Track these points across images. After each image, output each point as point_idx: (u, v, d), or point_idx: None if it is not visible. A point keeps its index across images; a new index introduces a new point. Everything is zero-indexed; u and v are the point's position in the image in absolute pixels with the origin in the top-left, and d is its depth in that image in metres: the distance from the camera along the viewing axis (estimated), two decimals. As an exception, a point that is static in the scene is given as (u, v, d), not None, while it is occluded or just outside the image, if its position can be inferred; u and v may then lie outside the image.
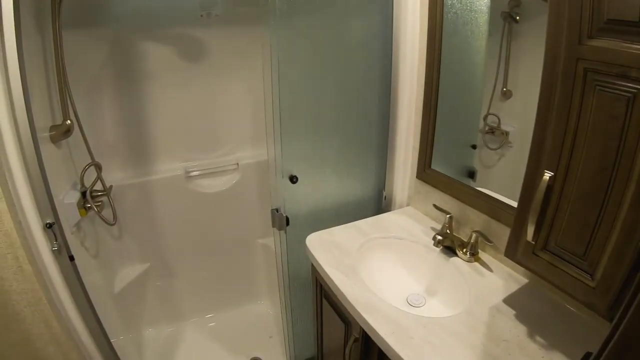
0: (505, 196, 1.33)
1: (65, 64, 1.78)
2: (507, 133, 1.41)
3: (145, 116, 2.26)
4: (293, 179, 1.59)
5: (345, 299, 1.23)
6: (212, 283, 2.62)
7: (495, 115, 1.43)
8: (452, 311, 1.22)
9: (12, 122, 1.27)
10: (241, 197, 2.50)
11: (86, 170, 1.98)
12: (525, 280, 1.25)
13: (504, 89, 1.39)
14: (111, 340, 1.71)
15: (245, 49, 2.27)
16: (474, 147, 1.56)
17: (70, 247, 1.47)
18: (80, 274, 1.52)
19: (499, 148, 1.46)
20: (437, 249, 1.42)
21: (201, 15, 2.15)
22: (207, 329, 2.59)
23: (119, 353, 1.75)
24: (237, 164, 2.45)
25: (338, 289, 1.27)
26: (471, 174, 1.55)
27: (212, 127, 2.41)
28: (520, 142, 1.34)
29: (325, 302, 1.49)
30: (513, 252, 1.01)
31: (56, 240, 1.41)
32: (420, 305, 1.35)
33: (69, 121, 1.80)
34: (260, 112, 2.31)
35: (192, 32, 2.20)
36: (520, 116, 1.40)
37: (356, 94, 1.67)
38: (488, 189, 1.41)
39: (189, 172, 2.37)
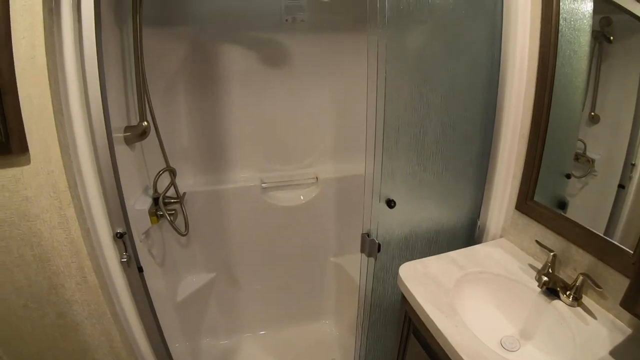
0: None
1: (144, 61, 1.63)
2: (592, 161, 1.25)
3: (222, 121, 2.10)
4: (391, 204, 1.40)
5: (446, 341, 1.05)
6: (276, 298, 2.45)
7: (582, 141, 1.27)
8: (553, 359, 1.08)
9: (86, 119, 1.13)
10: (318, 212, 2.29)
11: (160, 175, 1.84)
12: (629, 331, 1.06)
13: (592, 113, 1.24)
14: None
15: (330, 57, 2.09)
16: (567, 176, 1.38)
17: (139, 257, 1.32)
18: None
19: (583, 176, 1.29)
20: (537, 290, 1.23)
21: (286, 20, 1.98)
22: (266, 343, 2.40)
23: (174, 360, 1.63)
24: (317, 177, 2.24)
25: (437, 330, 1.09)
26: (562, 205, 1.35)
27: (292, 138, 2.22)
28: (605, 171, 1.22)
29: (413, 338, 1.32)
30: (632, 304, 0.86)
31: (126, 252, 1.26)
32: (515, 349, 1.16)
33: (145, 123, 1.65)
34: (344, 124, 2.21)
35: (276, 37, 2.03)
36: (607, 143, 1.24)
37: (460, 116, 1.47)
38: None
39: (265, 183, 2.18)
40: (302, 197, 2.24)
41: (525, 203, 1.40)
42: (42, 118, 1.04)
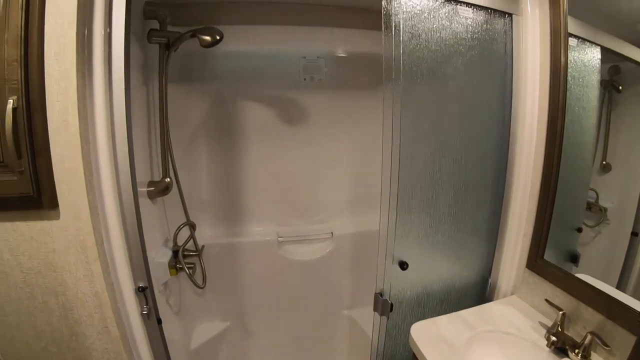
0: (601, 280, 1.18)
1: (168, 119, 1.70)
2: (605, 209, 1.26)
3: (241, 175, 2.15)
4: (403, 265, 1.41)
5: None
6: (289, 348, 2.42)
7: (594, 190, 1.29)
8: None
9: (114, 178, 1.17)
10: (332, 267, 2.29)
11: (181, 229, 1.87)
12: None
13: (603, 162, 1.26)
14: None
15: (346, 114, 2.15)
16: (579, 230, 1.38)
17: (159, 311, 1.34)
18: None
19: (595, 226, 1.29)
20: (547, 349, 1.22)
21: (304, 79, 2.06)
22: None
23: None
24: (332, 233, 2.25)
25: None
26: (573, 258, 1.36)
27: (308, 193, 2.25)
28: (618, 219, 1.22)
29: None
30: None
31: (146, 304, 1.28)
32: None
33: (168, 179, 1.70)
34: (359, 180, 2.24)
35: (294, 94, 2.10)
36: (619, 191, 1.25)
37: (472, 178, 1.49)
38: (588, 273, 1.24)
39: (281, 237, 2.20)
40: (317, 252, 2.25)
41: (536, 262, 1.40)
42: (72, 178, 1.08)
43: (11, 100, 1.02)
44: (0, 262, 1.16)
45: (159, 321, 1.33)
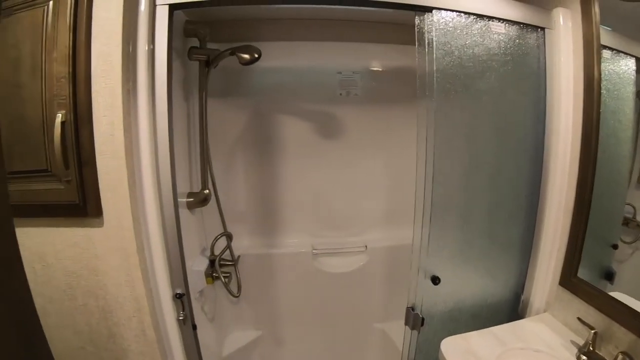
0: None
1: (208, 133, 1.77)
2: None
3: (278, 187, 2.20)
4: (436, 280, 1.42)
5: None
6: (319, 359, 2.44)
7: (631, 205, 1.26)
8: None
9: (156, 190, 1.24)
10: (365, 280, 2.30)
11: (218, 239, 1.93)
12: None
13: None
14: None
15: (382, 129, 2.17)
16: (614, 246, 1.35)
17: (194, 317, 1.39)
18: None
19: (633, 242, 1.26)
20: None
21: (340, 94, 2.09)
22: None
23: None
24: (366, 246, 2.26)
25: None
26: (608, 276, 1.33)
27: (343, 206, 2.27)
28: None
29: None
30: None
31: (183, 310, 1.34)
32: None
33: (206, 191, 1.77)
34: (394, 194, 2.25)
35: (330, 108, 2.13)
36: None
37: (505, 193, 1.49)
38: (624, 292, 1.22)
39: (316, 249, 2.23)
40: (351, 265, 2.27)
41: (569, 279, 1.39)
42: (117, 188, 1.15)
43: (60, 115, 1.10)
44: (45, 265, 1.24)
45: (194, 327, 1.38)
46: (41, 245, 1.23)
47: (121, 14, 1.10)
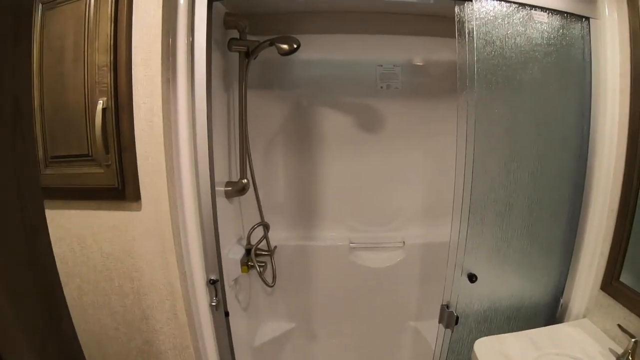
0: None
1: (247, 123, 1.80)
2: None
3: (316, 180, 2.22)
4: (472, 278, 1.40)
5: None
6: (351, 354, 2.44)
7: None
8: None
9: (194, 176, 1.28)
10: (402, 276, 2.30)
11: (255, 229, 1.96)
12: None
13: None
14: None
15: (422, 123, 2.16)
16: None
17: (227, 304, 1.42)
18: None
19: None
20: None
21: (381, 87, 2.09)
22: None
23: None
24: (404, 242, 2.26)
25: None
26: None
27: (382, 200, 2.27)
28: None
29: None
30: None
31: (216, 296, 1.37)
32: None
33: (245, 180, 1.79)
34: (433, 190, 2.23)
35: (371, 102, 2.13)
36: None
37: (547, 191, 1.46)
38: None
39: (353, 243, 2.25)
40: (387, 260, 2.27)
41: (611, 283, 1.34)
42: (155, 173, 1.19)
43: (101, 101, 1.16)
44: (84, 246, 1.30)
45: (227, 314, 1.41)
46: (81, 227, 1.29)
47: (161, 4, 1.13)
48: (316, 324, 2.38)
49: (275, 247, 2.10)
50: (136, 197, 1.22)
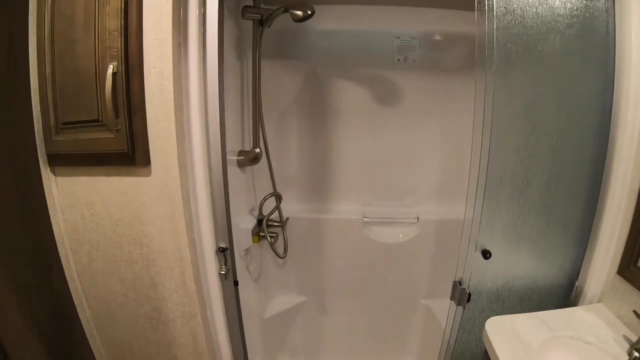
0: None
1: (261, 93, 1.81)
2: None
3: (330, 153, 2.23)
4: (486, 254, 1.39)
5: None
6: (362, 331, 2.48)
7: None
8: None
9: (204, 141, 1.30)
10: (415, 253, 2.31)
11: (267, 199, 1.99)
12: None
13: None
14: (248, 362, 1.65)
15: (440, 97, 2.14)
16: None
17: (237, 273, 1.44)
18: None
19: None
20: None
21: (398, 60, 2.07)
22: None
23: (252, 376, 1.68)
24: (418, 218, 2.26)
25: None
26: None
27: (397, 175, 2.27)
28: None
29: None
30: None
31: (225, 265, 1.39)
32: None
33: (257, 150, 1.81)
34: (450, 166, 2.22)
35: (387, 74, 2.12)
36: None
37: (566, 168, 1.43)
38: None
39: (366, 217, 2.26)
40: (401, 236, 2.27)
41: (628, 268, 1.31)
42: (165, 137, 1.21)
43: (111, 66, 1.17)
44: (93, 213, 1.33)
45: (236, 283, 1.43)
46: (90, 194, 1.32)
47: (172, -32, 1.13)
48: (327, 299, 2.41)
49: (287, 218, 2.12)
50: (146, 162, 1.24)
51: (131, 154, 1.23)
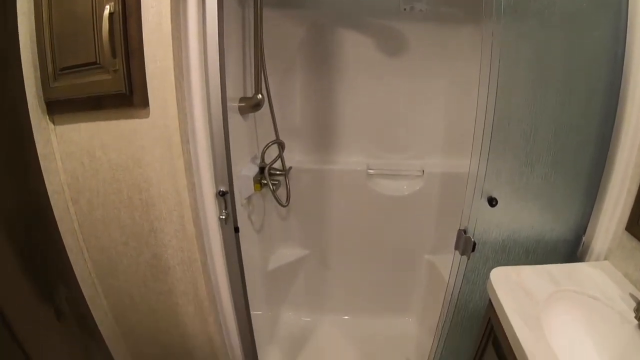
0: None
1: (263, 39, 1.78)
2: None
3: (334, 104, 2.21)
4: (492, 202, 1.38)
5: (523, 354, 1.03)
6: (363, 285, 2.53)
7: None
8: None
9: (203, 82, 1.29)
10: (420, 206, 2.31)
11: (269, 146, 1.99)
12: None
13: None
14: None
15: (447, 49, 2.10)
16: None
17: (237, 218, 1.45)
18: (241, 247, 1.50)
19: None
20: (633, 323, 1.14)
21: (404, 9, 2.03)
22: (346, 329, 2.50)
23: (254, 327, 1.71)
24: (423, 170, 2.26)
25: (516, 340, 1.07)
26: None
27: (402, 127, 2.27)
28: None
29: (490, 348, 1.30)
30: None
31: (225, 209, 1.40)
32: None
33: (259, 96, 1.79)
34: (456, 118, 2.20)
35: (393, 24, 2.08)
36: None
37: (576, 117, 1.40)
38: None
39: (371, 169, 2.26)
40: (405, 188, 2.28)
41: (637, 223, 1.30)
42: (163, 78, 1.19)
43: (108, 6, 1.15)
44: (93, 159, 1.33)
45: (237, 229, 1.44)
46: (90, 140, 1.32)
47: None
48: (331, 252, 2.45)
49: (290, 167, 2.14)
50: (144, 102, 1.23)
51: (129, 94, 1.23)
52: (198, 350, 1.67)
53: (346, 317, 2.55)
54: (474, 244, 1.43)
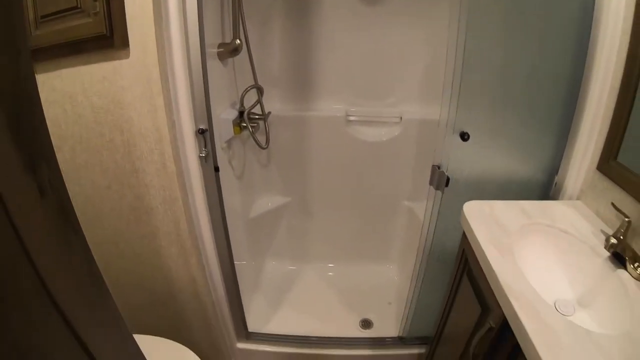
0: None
1: None
2: None
3: (313, 52, 2.25)
4: (464, 136, 1.44)
5: (496, 280, 1.08)
6: (345, 233, 2.61)
7: None
8: (604, 330, 1.03)
9: (182, 23, 1.32)
10: (398, 152, 2.39)
11: (248, 91, 2.02)
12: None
13: None
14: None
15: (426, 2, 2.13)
16: None
17: (217, 160, 1.50)
18: (221, 189, 1.56)
19: None
20: (604, 255, 1.20)
21: None
22: (327, 277, 2.60)
23: (237, 275, 1.78)
24: (401, 117, 2.33)
25: (489, 267, 1.13)
26: None
27: (381, 75, 2.31)
28: None
29: (465, 279, 1.36)
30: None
31: (205, 147, 1.45)
32: (569, 314, 1.15)
33: (238, 41, 1.82)
34: (435, 68, 2.23)
35: None
36: None
37: (548, 58, 1.46)
38: None
39: (349, 116, 2.32)
40: (384, 135, 2.35)
41: (608, 163, 1.34)
42: (142, 17, 1.22)
43: None
44: (75, 104, 1.37)
45: (217, 169, 1.49)
46: (71, 85, 1.35)
47: None
48: (312, 199, 2.53)
49: (269, 112, 2.18)
50: (124, 43, 1.26)
51: (109, 35, 1.25)
52: (182, 293, 1.73)
53: (330, 265, 2.66)
54: (448, 178, 1.50)
